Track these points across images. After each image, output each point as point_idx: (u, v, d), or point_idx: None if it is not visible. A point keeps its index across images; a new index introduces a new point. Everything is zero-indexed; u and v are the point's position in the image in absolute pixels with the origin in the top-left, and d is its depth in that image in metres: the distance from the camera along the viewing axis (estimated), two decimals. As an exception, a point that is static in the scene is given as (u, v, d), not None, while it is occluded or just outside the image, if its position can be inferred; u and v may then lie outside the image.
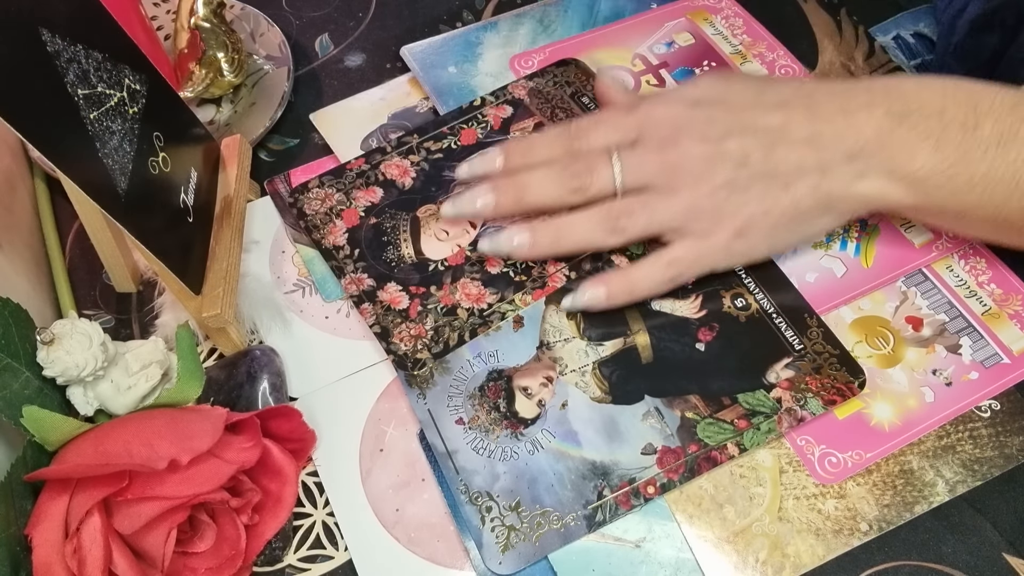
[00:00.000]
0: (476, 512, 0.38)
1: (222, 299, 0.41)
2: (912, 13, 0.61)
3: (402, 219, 0.47)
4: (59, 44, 0.35)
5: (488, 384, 0.41)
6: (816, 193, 0.41)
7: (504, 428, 0.40)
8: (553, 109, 0.51)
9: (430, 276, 0.45)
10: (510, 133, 0.50)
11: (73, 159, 0.35)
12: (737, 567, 0.37)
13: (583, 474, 0.39)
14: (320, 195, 0.48)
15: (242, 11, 0.56)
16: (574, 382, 0.41)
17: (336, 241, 0.46)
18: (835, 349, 0.42)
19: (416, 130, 0.50)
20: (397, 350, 0.42)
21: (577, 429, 0.40)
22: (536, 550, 0.37)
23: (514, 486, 0.39)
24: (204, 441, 0.34)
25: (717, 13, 0.57)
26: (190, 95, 0.51)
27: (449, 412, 0.41)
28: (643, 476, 0.39)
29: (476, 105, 0.51)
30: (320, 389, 0.43)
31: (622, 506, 0.38)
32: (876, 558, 0.38)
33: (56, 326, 0.37)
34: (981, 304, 0.44)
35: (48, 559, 0.33)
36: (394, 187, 0.48)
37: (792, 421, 0.40)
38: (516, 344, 0.43)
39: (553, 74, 0.53)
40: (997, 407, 0.41)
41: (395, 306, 0.44)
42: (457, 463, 0.39)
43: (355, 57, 0.57)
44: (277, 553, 0.38)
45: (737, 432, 0.40)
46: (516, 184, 0.43)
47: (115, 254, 0.44)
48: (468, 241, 0.46)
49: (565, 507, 0.38)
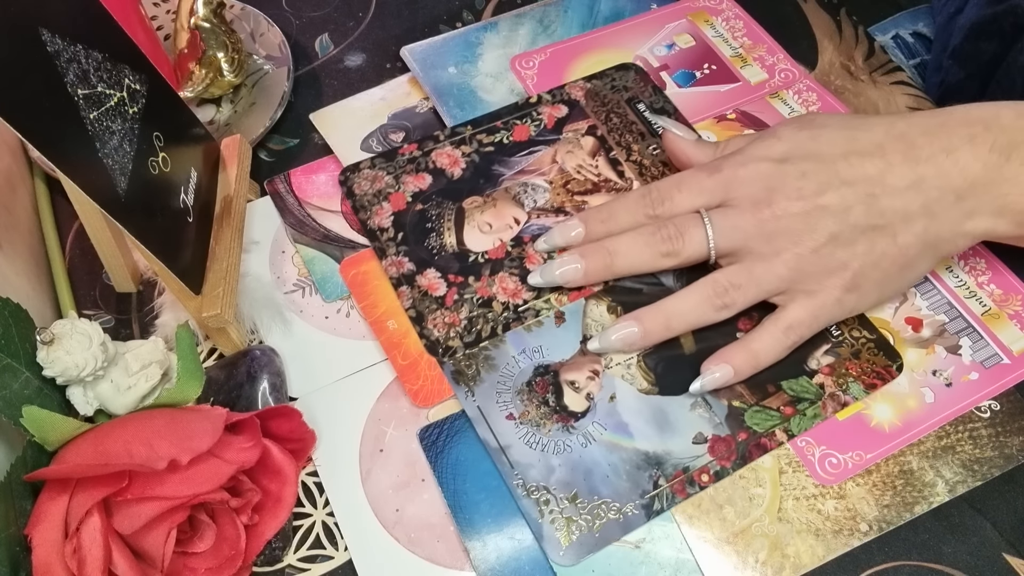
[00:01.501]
0: (534, 505, 0.38)
1: (222, 299, 0.41)
2: (911, 13, 0.61)
3: (448, 208, 0.47)
4: (59, 44, 0.35)
5: (535, 379, 0.42)
6: (925, 237, 0.39)
7: (555, 422, 0.40)
8: (608, 113, 0.51)
9: (469, 267, 0.45)
10: (563, 133, 0.50)
11: (73, 159, 0.35)
12: (737, 567, 0.37)
13: (637, 464, 0.39)
14: (370, 176, 0.48)
15: (242, 11, 0.56)
16: (620, 375, 0.42)
17: (381, 223, 0.47)
18: (871, 334, 0.43)
19: (471, 122, 0.51)
20: (430, 335, 0.43)
21: (627, 420, 0.40)
22: (598, 540, 0.37)
23: (570, 478, 0.39)
24: (204, 441, 0.34)
25: (717, 15, 0.57)
26: (190, 95, 0.51)
27: (499, 408, 0.41)
28: (696, 464, 0.39)
29: (532, 102, 0.51)
30: (320, 389, 0.43)
31: (678, 494, 0.38)
32: (876, 558, 0.38)
33: (56, 326, 0.37)
34: (981, 304, 0.44)
35: (48, 559, 0.32)
36: (443, 176, 0.49)
37: (836, 406, 0.41)
38: (560, 339, 0.43)
39: (612, 77, 0.53)
40: (997, 407, 0.41)
41: (432, 292, 0.44)
42: (511, 457, 0.39)
43: (355, 57, 0.57)
44: (277, 553, 0.38)
45: (784, 418, 0.40)
46: (604, 250, 0.42)
47: (115, 254, 0.44)
48: (511, 236, 0.46)
49: (623, 497, 0.38)
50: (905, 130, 0.40)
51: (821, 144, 0.41)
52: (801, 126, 0.42)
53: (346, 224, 0.48)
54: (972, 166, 0.38)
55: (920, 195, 0.39)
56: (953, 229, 0.40)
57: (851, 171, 0.40)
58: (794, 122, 0.43)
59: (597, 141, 0.50)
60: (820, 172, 0.40)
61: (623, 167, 0.49)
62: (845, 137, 0.41)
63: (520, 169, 0.49)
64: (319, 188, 0.49)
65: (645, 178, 0.48)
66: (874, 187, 0.39)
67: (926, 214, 0.39)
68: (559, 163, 0.49)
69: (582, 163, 0.49)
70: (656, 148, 0.49)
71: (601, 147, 0.50)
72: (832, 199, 0.39)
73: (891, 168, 0.39)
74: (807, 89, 0.53)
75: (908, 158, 0.39)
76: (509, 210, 0.47)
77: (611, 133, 0.50)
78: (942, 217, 0.39)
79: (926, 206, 0.39)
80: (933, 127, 0.40)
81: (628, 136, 0.50)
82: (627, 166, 0.49)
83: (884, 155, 0.40)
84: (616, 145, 0.50)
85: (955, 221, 0.39)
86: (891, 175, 0.39)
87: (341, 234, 0.48)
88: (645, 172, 0.48)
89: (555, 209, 0.47)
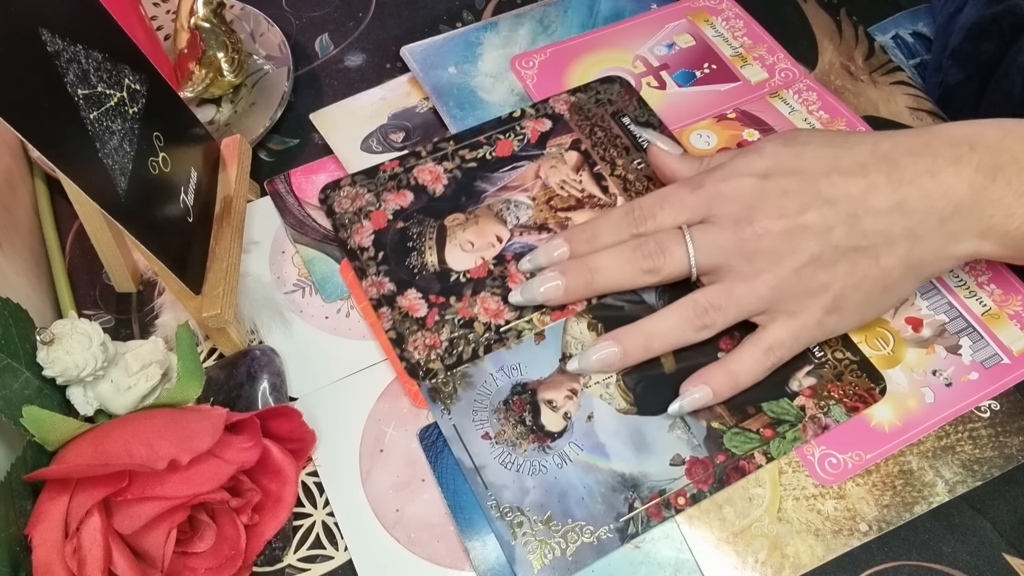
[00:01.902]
0: (507, 527, 0.38)
1: (222, 299, 0.41)
2: (910, 13, 0.61)
3: (429, 226, 0.47)
4: (59, 44, 0.35)
5: (512, 398, 0.41)
6: (908, 260, 0.39)
7: (531, 442, 0.40)
8: (592, 127, 0.50)
9: (451, 286, 0.44)
10: (546, 148, 0.49)
11: (73, 159, 0.35)
12: (736, 567, 0.37)
13: (613, 486, 0.39)
14: (351, 194, 0.48)
15: (242, 11, 0.56)
16: (599, 394, 0.41)
17: (361, 242, 0.46)
18: (855, 356, 0.42)
19: (453, 137, 0.50)
20: (410, 358, 0.42)
21: (604, 441, 0.40)
22: (570, 564, 0.37)
23: (544, 500, 0.38)
24: (204, 441, 0.34)
25: (717, 15, 0.57)
26: (190, 95, 0.51)
27: (475, 427, 0.40)
28: (673, 487, 0.39)
29: (515, 116, 0.51)
30: (320, 389, 0.43)
31: (654, 518, 0.38)
32: (876, 558, 0.38)
33: (56, 326, 0.37)
34: (981, 304, 0.44)
35: (48, 559, 0.32)
36: (425, 193, 0.48)
37: (817, 429, 0.40)
38: (538, 357, 0.42)
39: (596, 90, 0.52)
40: (997, 407, 0.41)
41: (413, 313, 0.43)
42: (486, 478, 0.39)
43: (355, 57, 0.57)
44: (277, 553, 0.38)
45: (763, 441, 0.40)
46: (585, 267, 0.42)
47: (115, 254, 0.44)
48: (492, 255, 0.45)
49: (597, 520, 0.38)
50: (889, 150, 0.39)
51: (804, 162, 0.40)
52: (785, 142, 0.41)
53: (346, 224, 0.48)
54: (957, 188, 0.38)
55: (903, 218, 0.38)
56: (937, 252, 0.39)
57: (833, 190, 0.39)
58: (778, 138, 0.42)
59: (581, 156, 0.49)
60: (802, 191, 0.39)
61: (607, 182, 0.48)
62: (829, 155, 0.40)
63: (503, 185, 0.48)
64: (319, 188, 0.49)
65: (629, 193, 0.47)
66: (856, 207, 0.39)
67: (909, 237, 0.39)
68: (542, 178, 0.48)
69: (566, 178, 0.48)
70: (641, 162, 0.49)
71: (585, 162, 0.49)
72: (814, 218, 0.39)
73: (874, 189, 0.39)
74: (807, 89, 0.53)
75: (892, 179, 0.39)
76: (491, 227, 0.47)
77: (595, 147, 0.49)
78: (925, 240, 0.39)
79: (909, 229, 0.38)
80: (917, 147, 0.39)
81: (612, 150, 0.49)
82: (611, 181, 0.48)
83: (867, 175, 0.39)
84: (600, 160, 0.49)
85: (939, 244, 0.39)
86: (874, 196, 0.39)
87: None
88: (630, 187, 0.48)
89: (538, 226, 0.46)
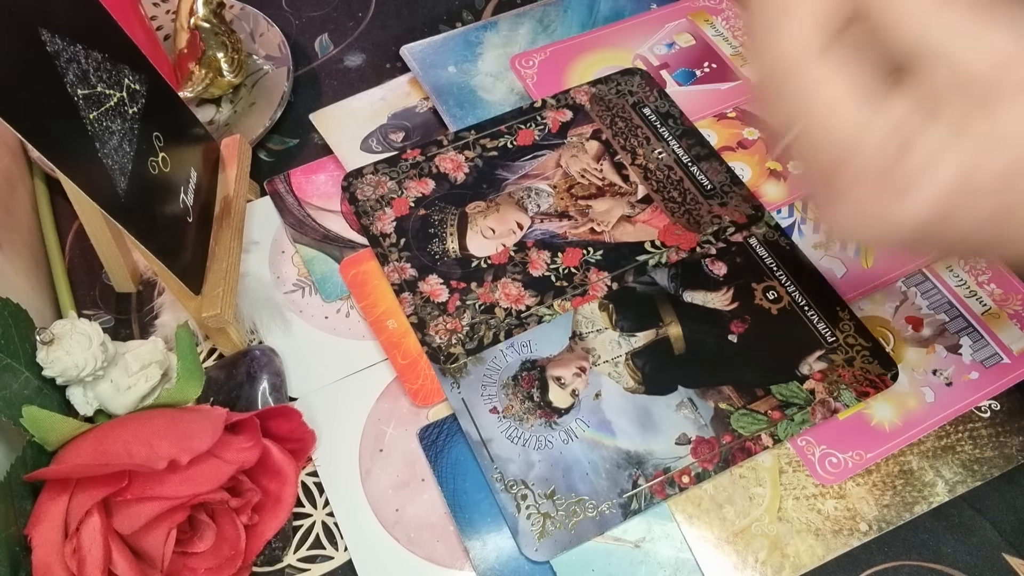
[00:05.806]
0: (511, 500, 0.38)
1: (222, 299, 0.41)
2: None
3: (450, 213, 0.47)
4: (59, 44, 0.35)
5: (522, 374, 0.42)
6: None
7: (538, 417, 0.40)
8: (613, 117, 0.51)
9: (472, 272, 0.45)
10: (567, 137, 0.50)
11: (73, 159, 0.35)
12: (737, 567, 0.37)
13: (617, 463, 0.39)
14: (373, 182, 0.48)
15: (242, 11, 0.56)
16: (607, 372, 0.42)
17: (384, 229, 0.47)
18: (867, 342, 0.42)
19: (475, 126, 0.51)
20: (432, 342, 0.43)
21: (611, 419, 0.40)
22: (572, 538, 0.37)
23: (549, 474, 0.39)
24: (204, 441, 0.34)
25: (717, 14, 0.57)
26: (190, 95, 0.51)
27: (483, 401, 0.41)
28: (678, 465, 0.39)
29: (536, 107, 0.51)
30: (320, 389, 0.43)
31: (657, 495, 0.38)
32: (876, 558, 0.38)
33: (56, 326, 0.37)
34: (981, 304, 0.44)
35: (48, 559, 0.32)
36: (447, 181, 0.49)
37: (826, 412, 0.40)
38: (549, 335, 0.43)
39: (617, 82, 0.53)
40: (997, 407, 0.41)
41: (434, 298, 0.44)
42: (492, 451, 0.39)
43: (355, 57, 0.57)
44: (277, 553, 0.38)
45: (771, 423, 0.40)
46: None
47: (115, 254, 0.44)
48: (513, 241, 0.46)
49: (600, 496, 0.38)
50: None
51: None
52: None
53: (346, 224, 0.48)
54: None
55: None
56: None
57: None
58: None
59: (602, 145, 0.50)
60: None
61: (628, 171, 0.49)
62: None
63: (524, 173, 0.49)
64: (319, 188, 0.49)
65: (650, 182, 0.48)
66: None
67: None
68: (563, 167, 0.49)
69: (586, 167, 0.49)
70: (661, 152, 0.49)
71: (606, 151, 0.50)
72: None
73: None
74: (807, 89, 0.52)
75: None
76: (512, 215, 0.47)
77: (616, 137, 0.50)
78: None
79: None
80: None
81: (633, 140, 0.50)
82: (632, 170, 0.49)
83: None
84: (621, 149, 0.50)
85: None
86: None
87: (341, 234, 0.48)
88: (650, 176, 0.48)
89: (559, 213, 0.47)
